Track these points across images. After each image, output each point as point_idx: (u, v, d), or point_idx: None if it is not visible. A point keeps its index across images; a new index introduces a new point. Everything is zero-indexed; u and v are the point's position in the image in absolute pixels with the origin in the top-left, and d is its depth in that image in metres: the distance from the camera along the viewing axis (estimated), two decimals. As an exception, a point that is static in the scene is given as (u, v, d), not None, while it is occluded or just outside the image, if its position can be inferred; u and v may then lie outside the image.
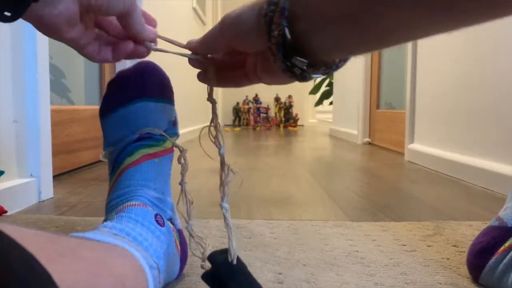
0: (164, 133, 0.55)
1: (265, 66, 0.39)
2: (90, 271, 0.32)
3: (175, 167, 0.55)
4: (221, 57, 0.45)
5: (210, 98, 0.46)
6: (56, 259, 0.29)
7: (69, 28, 0.40)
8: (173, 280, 0.54)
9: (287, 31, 0.33)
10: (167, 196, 0.55)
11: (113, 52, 0.45)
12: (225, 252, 0.41)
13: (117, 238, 0.42)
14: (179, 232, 0.55)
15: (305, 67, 0.34)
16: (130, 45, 0.45)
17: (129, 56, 0.46)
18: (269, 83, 0.41)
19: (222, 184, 0.44)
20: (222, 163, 0.44)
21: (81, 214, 0.90)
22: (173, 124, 0.58)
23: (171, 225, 0.53)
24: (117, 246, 0.40)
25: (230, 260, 0.41)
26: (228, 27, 0.38)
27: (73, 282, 0.29)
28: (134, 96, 0.55)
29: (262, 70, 0.40)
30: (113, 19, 0.45)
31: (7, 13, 0.35)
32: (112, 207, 0.51)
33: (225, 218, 0.44)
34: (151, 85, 0.56)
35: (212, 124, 0.45)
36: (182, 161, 0.53)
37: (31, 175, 1.02)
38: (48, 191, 1.06)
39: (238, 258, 0.42)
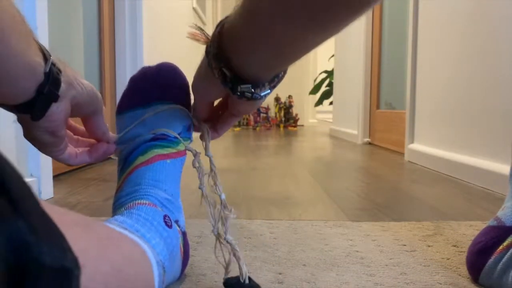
0: (178, 136, 0.55)
1: (233, 100, 0.48)
2: (101, 243, 0.33)
3: (191, 170, 0.56)
4: (210, 115, 0.56)
5: (207, 153, 0.55)
6: (71, 226, 0.30)
7: (64, 125, 0.46)
8: (174, 281, 0.54)
9: (225, 70, 0.43)
10: (176, 198, 0.55)
11: (89, 154, 0.53)
12: (238, 276, 0.48)
13: (126, 231, 0.42)
14: (184, 234, 0.55)
15: (252, 90, 0.44)
16: (104, 146, 0.54)
17: (103, 155, 0.54)
18: (244, 111, 0.51)
19: (225, 221, 0.51)
20: (224, 206, 0.51)
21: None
22: (188, 128, 0.58)
23: (177, 227, 0.53)
24: (128, 238, 0.41)
25: (242, 280, 0.47)
26: (195, 88, 0.51)
27: (84, 248, 0.29)
28: (154, 98, 0.56)
29: (233, 104, 0.50)
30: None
31: (37, 113, 0.43)
32: (121, 204, 0.51)
33: (232, 247, 0.50)
34: (171, 89, 0.57)
35: (211, 174, 0.54)
36: (197, 164, 0.54)
37: (31, 175, 1.02)
38: (48, 191, 1.06)
39: (250, 278, 0.48)
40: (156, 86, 0.56)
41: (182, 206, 0.57)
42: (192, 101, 0.57)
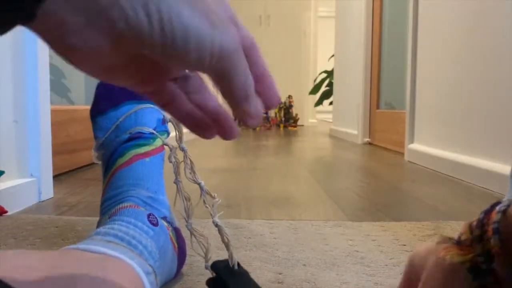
0: (154, 131, 0.56)
1: None
2: None
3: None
4: None
5: (181, 145, 0.51)
6: None
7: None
8: (172, 279, 0.54)
9: None
10: (160, 194, 0.56)
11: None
12: (227, 260, 0.46)
13: (111, 247, 0.41)
14: (176, 230, 0.55)
15: None
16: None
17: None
18: None
19: (211, 206, 0.50)
20: (207, 192, 0.50)
21: (81, 214, 0.90)
22: (162, 122, 0.59)
23: (165, 223, 0.53)
24: (112, 258, 0.40)
25: (231, 265, 0.45)
26: None
27: None
28: (123, 98, 0.57)
29: None
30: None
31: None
32: (105, 209, 0.52)
33: (220, 231, 0.49)
34: None
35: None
36: (173, 159, 0.54)
37: (31, 175, 1.02)
38: (48, 191, 1.06)
39: (239, 264, 0.46)
40: (123, 87, 0.57)
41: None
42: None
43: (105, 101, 0.58)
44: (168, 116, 0.59)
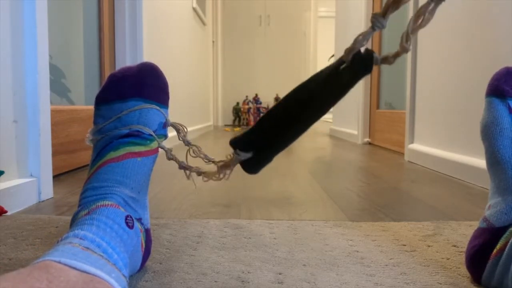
0: (153, 133, 0.57)
1: None
2: None
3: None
4: None
5: (187, 143, 0.59)
6: None
7: None
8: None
9: None
10: (143, 195, 0.57)
11: None
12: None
13: (91, 260, 0.40)
14: (147, 231, 0.57)
15: None
16: None
17: None
18: None
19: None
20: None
21: (81, 214, 0.90)
22: (163, 125, 0.60)
23: (139, 225, 0.54)
24: (96, 278, 0.39)
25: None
26: None
27: None
28: (132, 94, 0.58)
29: None
30: None
31: None
32: (86, 201, 0.52)
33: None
34: (149, 87, 0.59)
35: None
36: (170, 156, 0.57)
37: (31, 175, 1.02)
38: (48, 191, 1.06)
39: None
40: (134, 83, 0.58)
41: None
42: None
43: (113, 92, 0.58)
44: (169, 120, 0.60)
